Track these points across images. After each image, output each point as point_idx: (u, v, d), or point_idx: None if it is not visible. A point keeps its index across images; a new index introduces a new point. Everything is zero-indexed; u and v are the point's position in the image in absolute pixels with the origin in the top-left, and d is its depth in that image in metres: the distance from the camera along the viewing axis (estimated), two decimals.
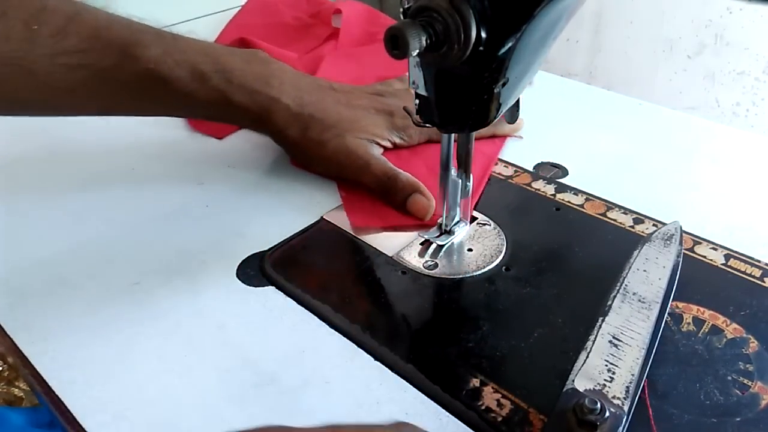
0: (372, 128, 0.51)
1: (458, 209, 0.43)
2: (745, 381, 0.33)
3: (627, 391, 0.30)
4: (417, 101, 0.36)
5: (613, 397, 0.30)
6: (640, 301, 0.35)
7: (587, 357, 0.32)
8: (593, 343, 0.33)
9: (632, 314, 0.34)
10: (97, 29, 0.44)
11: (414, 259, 0.42)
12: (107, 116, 0.50)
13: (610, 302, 0.35)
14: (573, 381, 0.31)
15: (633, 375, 0.31)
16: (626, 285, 0.36)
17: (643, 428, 0.31)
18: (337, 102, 0.51)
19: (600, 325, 0.34)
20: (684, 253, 0.41)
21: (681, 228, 0.40)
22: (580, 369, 0.32)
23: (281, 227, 0.45)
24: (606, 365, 0.32)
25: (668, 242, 0.38)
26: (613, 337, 0.33)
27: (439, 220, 0.44)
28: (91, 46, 0.43)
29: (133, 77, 0.45)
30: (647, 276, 0.36)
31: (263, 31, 0.76)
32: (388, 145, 0.52)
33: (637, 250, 0.39)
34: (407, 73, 0.62)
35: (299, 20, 0.79)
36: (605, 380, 0.31)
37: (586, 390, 0.30)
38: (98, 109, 0.49)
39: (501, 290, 0.40)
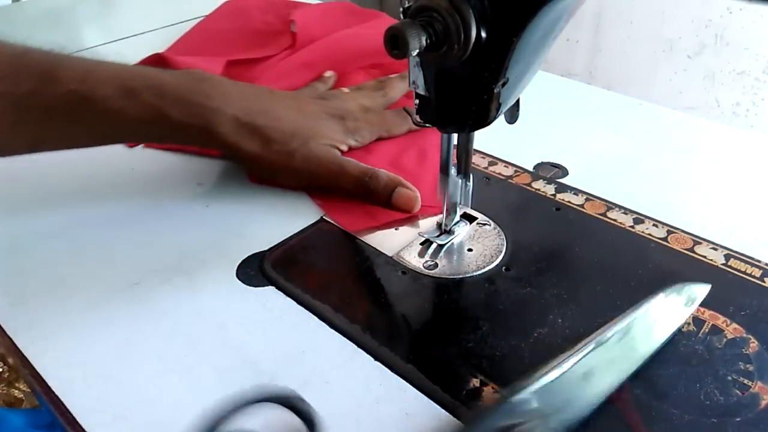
0: (330, 133, 0.50)
1: (458, 209, 0.43)
2: (745, 381, 0.33)
3: (566, 430, 0.30)
4: (417, 101, 0.36)
5: (552, 428, 0.29)
6: (631, 348, 0.33)
7: (556, 379, 0.31)
8: (568, 369, 0.31)
9: (615, 361, 0.33)
10: (12, 56, 0.43)
11: (414, 259, 0.42)
12: (39, 152, 0.46)
13: (611, 334, 0.33)
14: (527, 391, 0.30)
15: (582, 415, 0.30)
16: (631, 327, 0.34)
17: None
18: (286, 108, 0.49)
19: (587, 353, 0.32)
20: (684, 253, 0.42)
21: (706, 294, 0.38)
22: (539, 382, 0.30)
23: (281, 227, 0.45)
24: (565, 393, 0.31)
25: (689, 304, 0.37)
26: (588, 372, 0.32)
27: (438, 220, 0.44)
28: (6, 73, 0.42)
29: (56, 101, 0.43)
30: (653, 326, 0.35)
31: (225, 37, 0.74)
32: (345, 148, 0.51)
33: (664, 294, 0.36)
34: (326, 73, 0.61)
35: (269, 25, 0.76)
36: (556, 408, 0.30)
37: (530, 409, 0.29)
38: (27, 143, 0.45)
39: (501, 290, 0.40)
